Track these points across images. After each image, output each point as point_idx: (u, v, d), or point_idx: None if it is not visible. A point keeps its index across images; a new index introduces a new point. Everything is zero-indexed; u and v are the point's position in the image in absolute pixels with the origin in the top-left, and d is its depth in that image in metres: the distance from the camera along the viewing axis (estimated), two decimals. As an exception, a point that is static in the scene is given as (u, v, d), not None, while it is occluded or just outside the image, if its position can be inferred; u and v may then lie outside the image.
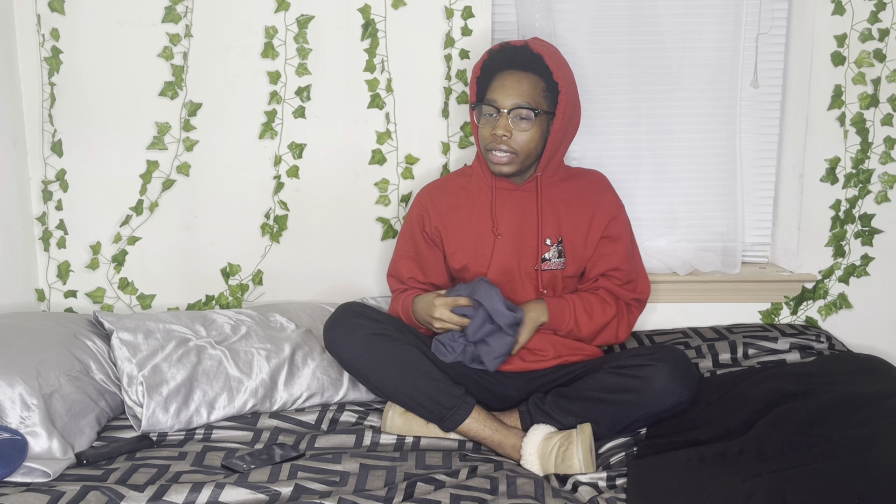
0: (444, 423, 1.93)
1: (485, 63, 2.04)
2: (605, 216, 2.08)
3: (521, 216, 2.07)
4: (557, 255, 2.07)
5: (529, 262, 2.06)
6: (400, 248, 2.18)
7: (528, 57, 1.98)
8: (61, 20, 2.32)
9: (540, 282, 2.06)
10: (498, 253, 2.06)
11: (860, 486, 1.58)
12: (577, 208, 2.08)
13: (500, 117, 1.97)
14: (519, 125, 1.97)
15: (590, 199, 2.09)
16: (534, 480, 1.72)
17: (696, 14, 2.45)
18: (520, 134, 1.97)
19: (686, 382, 1.89)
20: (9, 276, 2.32)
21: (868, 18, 2.38)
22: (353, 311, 1.99)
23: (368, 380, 1.97)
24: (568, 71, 2.01)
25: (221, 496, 1.62)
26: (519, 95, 1.96)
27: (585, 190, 2.10)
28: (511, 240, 2.07)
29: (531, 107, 1.96)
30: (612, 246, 2.09)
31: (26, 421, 1.76)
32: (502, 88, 1.98)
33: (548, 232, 2.07)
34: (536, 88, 1.97)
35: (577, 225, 2.08)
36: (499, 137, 1.97)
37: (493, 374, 2.09)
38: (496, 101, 1.98)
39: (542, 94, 1.98)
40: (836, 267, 2.52)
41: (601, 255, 2.09)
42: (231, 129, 2.40)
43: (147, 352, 2.03)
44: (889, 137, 2.44)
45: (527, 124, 1.97)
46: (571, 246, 2.07)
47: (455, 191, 2.13)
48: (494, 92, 1.99)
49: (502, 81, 1.98)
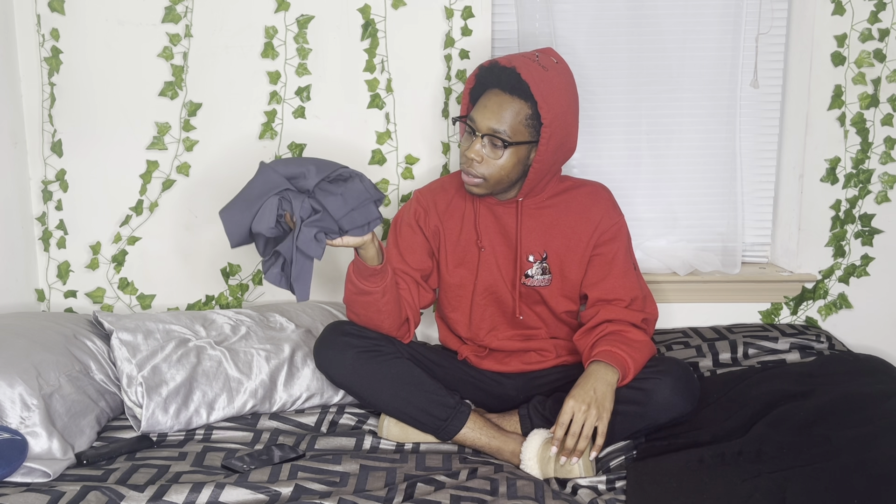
0: (441, 434, 1.92)
1: (478, 76, 1.95)
2: (596, 232, 1.98)
3: (503, 231, 2.01)
4: (541, 271, 2.00)
5: (511, 278, 2.02)
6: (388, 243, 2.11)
7: (515, 81, 1.85)
8: (61, 20, 2.32)
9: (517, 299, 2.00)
10: (484, 264, 2.03)
11: (860, 486, 1.59)
12: (565, 224, 1.99)
13: (475, 140, 1.88)
14: (492, 152, 1.87)
15: (581, 215, 1.99)
16: (534, 482, 1.72)
17: (696, 14, 2.45)
18: (492, 160, 1.88)
19: (688, 395, 1.87)
20: (9, 276, 2.32)
21: (868, 18, 2.38)
22: (342, 329, 1.96)
23: (361, 397, 1.97)
24: (562, 98, 1.87)
25: (221, 496, 1.62)
26: (497, 121, 1.85)
27: (578, 204, 2.00)
28: (494, 254, 2.02)
29: (505, 137, 1.85)
30: (606, 267, 1.98)
31: (26, 421, 1.76)
32: (483, 109, 1.88)
33: (530, 248, 2.00)
34: (518, 115, 1.86)
35: (565, 241, 1.99)
36: (470, 160, 1.89)
37: (493, 374, 2.09)
38: (474, 122, 1.88)
39: (524, 121, 1.86)
40: (836, 267, 2.52)
41: (599, 278, 1.99)
42: (231, 129, 2.40)
43: (147, 352, 2.03)
44: (889, 137, 2.44)
45: (500, 152, 1.87)
46: (558, 262, 2.00)
47: (452, 195, 2.08)
48: (476, 111, 1.89)
49: (485, 102, 1.88)
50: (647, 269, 2.50)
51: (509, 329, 2.07)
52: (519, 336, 2.07)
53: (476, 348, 2.11)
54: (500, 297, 2.04)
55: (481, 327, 2.08)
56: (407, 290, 2.02)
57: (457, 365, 2.10)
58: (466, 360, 2.11)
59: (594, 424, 1.77)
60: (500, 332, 2.08)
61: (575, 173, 2.46)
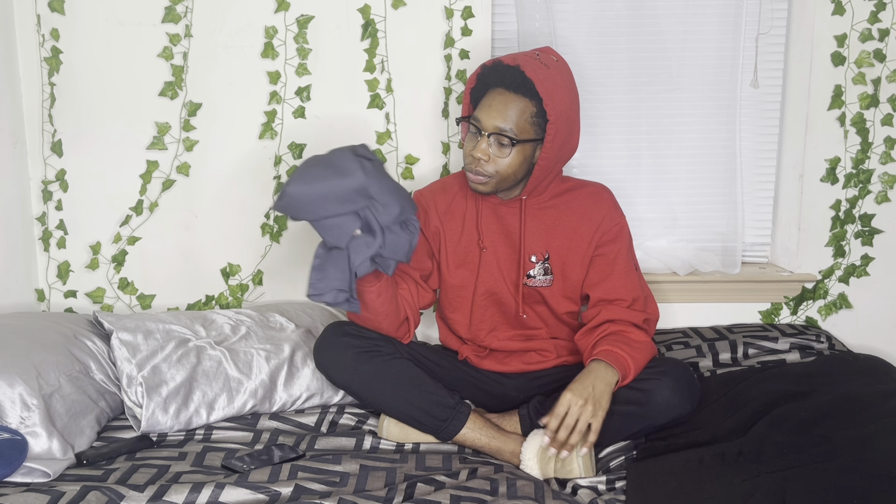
0: (441, 435, 1.92)
1: (479, 76, 1.95)
2: (598, 233, 1.98)
3: (505, 231, 2.01)
4: (543, 272, 2.00)
5: (513, 278, 2.03)
6: None
7: (519, 79, 1.86)
8: (61, 20, 2.32)
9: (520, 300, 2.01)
10: (485, 265, 2.03)
11: (860, 486, 1.58)
12: (567, 224, 1.99)
13: (481, 139, 1.88)
14: (499, 150, 1.88)
15: (582, 216, 1.99)
16: (534, 482, 1.72)
17: (696, 14, 2.45)
18: (499, 159, 1.88)
19: (689, 396, 1.87)
20: (9, 276, 2.32)
21: (868, 18, 2.38)
22: (341, 330, 1.97)
23: (361, 397, 1.97)
24: (565, 94, 1.88)
25: (221, 496, 1.62)
26: (503, 120, 1.86)
27: (579, 205, 2.00)
28: (496, 254, 2.02)
29: (512, 135, 1.86)
30: (608, 267, 1.98)
31: (26, 421, 1.76)
32: (488, 109, 1.88)
33: (533, 248, 2.00)
34: (524, 114, 1.86)
35: (567, 241, 1.99)
36: (476, 160, 1.90)
37: (493, 374, 2.09)
38: (479, 122, 1.88)
39: (529, 119, 1.87)
40: (836, 267, 2.52)
41: (600, 278, 1.98)
42: (231, 129, 2.40)
43: (147, 352, 2.03)
44: (889, 137, 2.44)
45: (506, 151, 1.87)
46: (560, 262, 2.00)
47: (453, 195, 2.08)
48: (481, 111, 1.89)
49: (490, 101, 1.88)
50: (647, 269, 2.50)
51: (510, 329, 2.07)
52: (519, 336, 2.07)
53: (476, 348, 2.11)
54: (500, 297, 2.04)
55: (481, 328, 2.08)
56: (407, 291, 2.02)
57: (457, 365, 2.10)
58: (467, 360, 2.11)
59: (589, 420, 1.76)
60: (500, 332, 2.08)
61: (575, 173, 2.46)
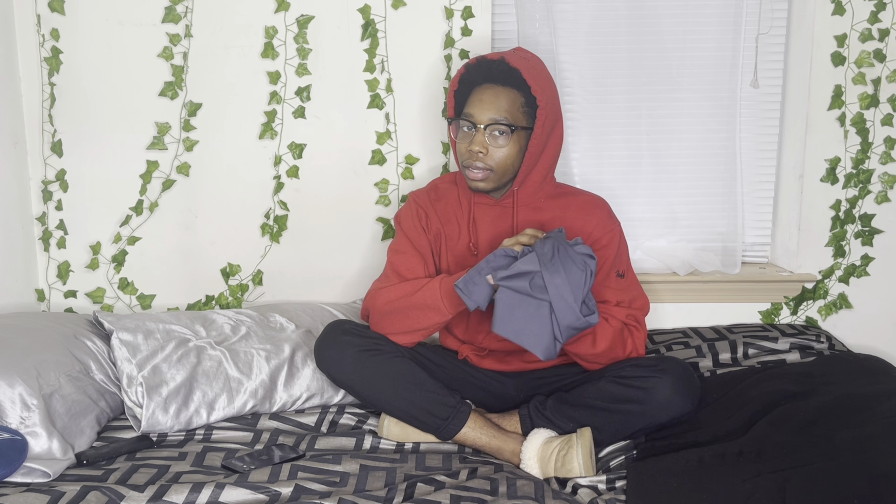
0: (441, 434, 1.92)
1: (462, 77, 1.98)
2: (590, 238, 1.99)
3: (498, 232, 2.02)
4: None
5: None
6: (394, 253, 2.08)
7: (505, 71, 1.91)
8: (61, 20, 2.32)
9: None
10: None
11: (860, 486, 1.58)
12: (560, 225, 2.00)
13: (476, 133, 1.91)
14: (496, 141, 1.91)
15: (576, 220, 2.01)
16: (534, 482, 1.72)
17: (696, 14, 2.45)
18: (496, 150, 1.92)
19: (689, 394, 1.88)
20: (9, 276, 2.32)
21: (868, 18, 2.38)
22: (342, 328, 1.98)
23: (361, 396, 1.97)
24: (548, 84, 1.95)
25: (222, 496, 1.62)
26: (496, 111, 1.90)
27: (573, 209, 2.02)
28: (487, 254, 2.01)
29: (508, 123, 1.90)
30: (599, 273, 1.97)
31: (26, 421, 1.76)
32: (479, 103, 1.92)
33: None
34: (514, 103, 1.91)
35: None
36: (475, 154, 1.91)
37: (493, 374, 2.09)
38: (473, 116, 1.92)
39: (520, 108, 1.92)
40: (836, 267, 2.52)
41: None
42: (231, 129, 2.40)
43: (147, 352, 2.03)
44: (889, 137, 2.44)
45: (504, 140, 1.91)
46: None
47: (447, 199, 2.08)
48: (471, 106, 1.93)
49: (479, 96, 1.93)
50: (647, 269, 2.51)
51: None
52: None
53: (476, 348, 2.11)
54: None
55: (479, 329, 2.08)
56: None
57: (457, 364, 2.10)
58: (467, 359, 2.11)
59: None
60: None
61: (575, 173, 2.46)
